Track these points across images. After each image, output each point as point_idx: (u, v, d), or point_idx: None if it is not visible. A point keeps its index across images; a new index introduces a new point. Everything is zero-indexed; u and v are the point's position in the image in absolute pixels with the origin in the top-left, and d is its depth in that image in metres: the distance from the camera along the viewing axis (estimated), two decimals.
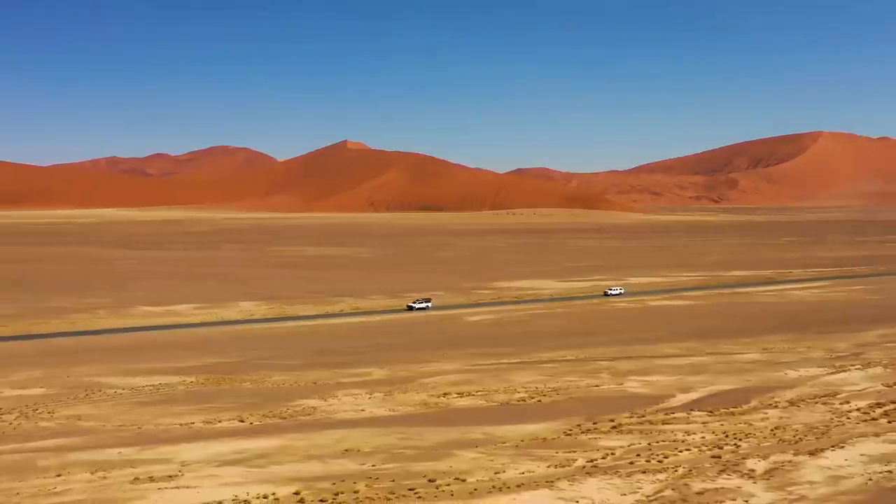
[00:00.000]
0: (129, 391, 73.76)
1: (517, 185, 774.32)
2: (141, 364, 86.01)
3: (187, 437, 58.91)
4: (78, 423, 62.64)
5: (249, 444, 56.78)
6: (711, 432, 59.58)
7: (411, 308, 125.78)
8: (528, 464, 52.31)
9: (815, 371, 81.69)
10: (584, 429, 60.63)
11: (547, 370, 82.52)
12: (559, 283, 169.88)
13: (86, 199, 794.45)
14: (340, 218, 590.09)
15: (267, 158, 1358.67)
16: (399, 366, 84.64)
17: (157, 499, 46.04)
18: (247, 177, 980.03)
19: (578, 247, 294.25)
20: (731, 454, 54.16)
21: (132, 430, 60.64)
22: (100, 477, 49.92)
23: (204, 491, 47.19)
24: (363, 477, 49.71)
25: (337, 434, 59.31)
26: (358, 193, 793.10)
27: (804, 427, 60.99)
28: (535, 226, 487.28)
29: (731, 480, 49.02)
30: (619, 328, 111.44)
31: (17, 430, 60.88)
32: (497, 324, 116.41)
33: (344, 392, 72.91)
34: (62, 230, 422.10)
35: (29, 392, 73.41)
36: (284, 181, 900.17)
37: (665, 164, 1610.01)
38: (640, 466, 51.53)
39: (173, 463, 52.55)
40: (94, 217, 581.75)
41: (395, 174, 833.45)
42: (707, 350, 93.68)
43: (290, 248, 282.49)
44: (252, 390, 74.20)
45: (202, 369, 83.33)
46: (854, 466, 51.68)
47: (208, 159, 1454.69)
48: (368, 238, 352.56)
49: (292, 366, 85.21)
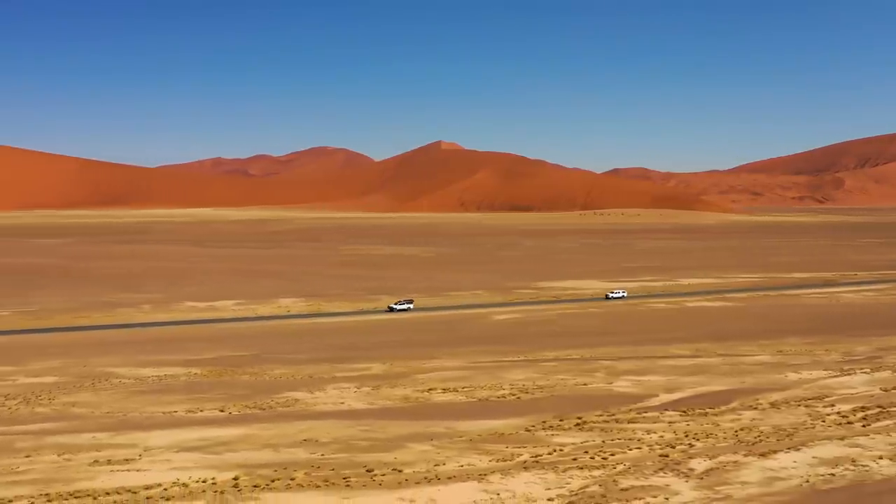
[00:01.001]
0: (133, 381, 77.47)
1: (609, 186, 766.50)
2: (156, 356, 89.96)
3: (164, 424, 61.96)
4: (71, 410, 66.36)
5: (217, 433, 59.46)
6: (673, 432, 59.78)
7: (392, 309, 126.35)
8: (472, 457, 53.60)
9: (819, 374, 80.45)
10: (548, 426, 61.48)
11: (545, 368, 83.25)
12: (603, 284, 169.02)
13: (190, 199, 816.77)
14: (427, 218, 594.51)
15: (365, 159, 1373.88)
16: (401, 362, 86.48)
17: (106, 480, 48.97)
18: (344, 177, 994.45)
19: (647, 248, 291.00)
20: (679, 454, 54.46)
21: (117, 417, 64.01)
22: (64, 459, 53.20)
23: (151, 474, 49.94)
24: (306, 465, 51.78)
25: (304, 425, 61.53)
26: (449, 194, 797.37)
27: (771, 429, 60.65)
28: (616, 226, 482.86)
29: (663, 479, 49.49)
30: (641, 328, 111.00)
31: (13, 415, 64.92)
32: (520, 323, 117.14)
33: (334, 386, 75.15)
34: (154, 228, 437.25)
35: (40, 380, 77.78)
36: (379, 182, 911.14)
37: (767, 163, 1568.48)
38: (581, 463, 52.32)
39: (137, 448, 55.54)
40: (190, 216, 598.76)
41: (486, 174, 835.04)
42: (719, 351, 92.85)
43: (360, 248, 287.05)
44: (247, 382, 77.09)
45: (211, 362, 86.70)
46: (799, 468, 51.50)
47: (308, 160, 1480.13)
48: (442, 238, 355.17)
49: (297, 360, 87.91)
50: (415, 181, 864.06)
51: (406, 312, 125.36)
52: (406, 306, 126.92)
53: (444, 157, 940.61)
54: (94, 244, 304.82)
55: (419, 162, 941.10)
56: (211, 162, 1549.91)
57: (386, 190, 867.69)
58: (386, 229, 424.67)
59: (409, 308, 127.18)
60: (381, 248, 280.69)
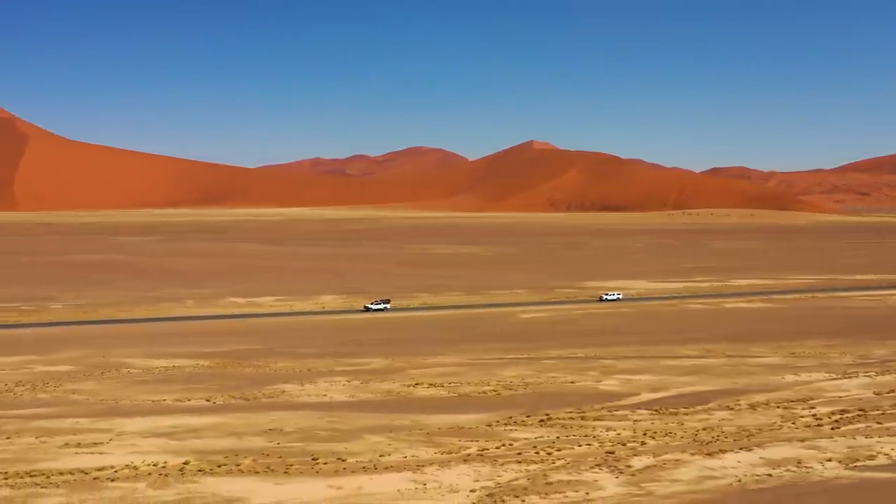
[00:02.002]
0: (140, 371, 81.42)
1: (704, 185, 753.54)
2: (172, 348, 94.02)
3: (147, 411, 65.38)
4: (70, 397, 70.43)
5: (192, 420, 62.51)
6: (633, 430, 60.34)
7: (368, 309, 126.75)
8: (419, 449, 55.30)
9: (819, 376, 79.49)
10: (512, 421, 62.68)
11: (543, 366, 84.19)
12: (650, 284, 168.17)
13: (287, 199, 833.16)
14: (512, 218, 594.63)
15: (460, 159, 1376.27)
16: (403, 357, 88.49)
17: (67, 461, 52.32)
18: (437, 177, 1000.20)
19: (718, 249, 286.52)
20: (627, 451, 55.12)
21: (107, 405, 67.73)
22: (40, 441, 56.89)
23: (111, 457, 53.15)
24: (258, 453, 54.26)
25: (277, 415, 64.11)
26: (538, 193, 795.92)
27: (735, 429, 60.65)
28: (699, 226, 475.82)
29: (595, 475, 50.37)
30: (662, 328, 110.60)
31: (15, 400, 69.27)
32: (543, 321, 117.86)
33: (326, 379, 77.62)
34: (243, 226, 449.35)
35: (55, 369, 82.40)
36: (469, 181, 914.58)
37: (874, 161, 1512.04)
38: (523, 458, 53.49)
39: (111, 433, 58.96)
40: (281, 215, 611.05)
41: (576, 174, 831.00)
42: (729, 353, 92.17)
43: (426, 247, 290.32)
44: (246, 374, 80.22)
45: (221, 354, 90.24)
46: (738, 468, 51.65)
47: (404, 160, 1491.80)
48: (514, 237, 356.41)
49: (305, 354, 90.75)
50: (505, 181, 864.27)
51: (382, 312, 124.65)
52: (382, 306, 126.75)
53: (535, 156, 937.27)
54: (176, 241, 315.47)
55: (510, 161, 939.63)
56: (310, 162, 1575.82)
57: (476, 190, 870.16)
58: (463, 229, 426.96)
59: (386, 308, 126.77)
60: (446, 248, 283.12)
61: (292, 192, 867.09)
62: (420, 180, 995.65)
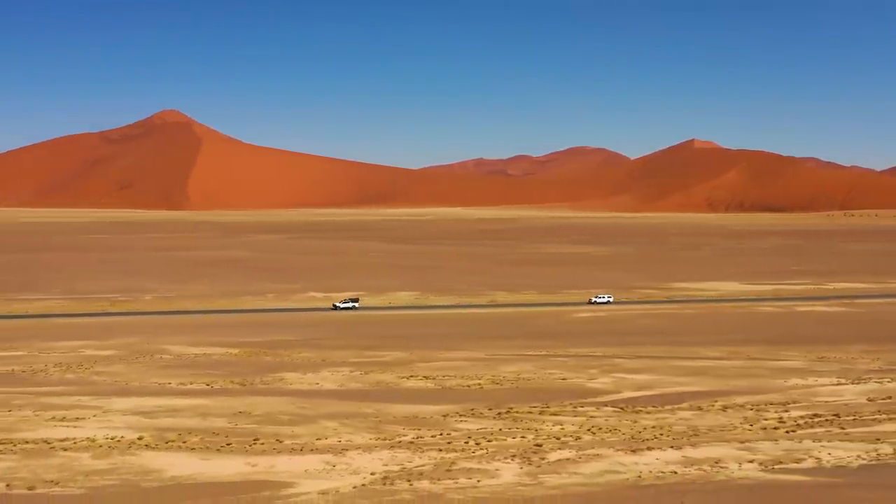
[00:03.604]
0: (172, 357, 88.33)
1: (876, 185, 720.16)
2: (216, 337, 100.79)
3: (144, 392, 71.72)
4: (91, 378, 77.73)
5: (177, 402, 68.26)
6: (579, 426, 61.87)
7: (336, 307, 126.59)
8: (359, 435, 58.93)
9: (824, 381, 77.89)
10: (470, 413, 65.29)
11: (550, 363, 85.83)
12: (739, 286, 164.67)
13: (447, 198, 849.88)
14: (662, 218, 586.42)
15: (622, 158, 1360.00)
16: (422, 352, 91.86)
17: (42, 432, 58.83)
18: (596, 177, 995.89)
19: (844, 251, 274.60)
20: (556, 444, 57.00)
21: (117, 385, 74.50)
22: (34, 414, 63.81)
23: (80, 430, 59.37)
24: (210, 432, 59.26)
25: (255, 400, 69.07)
26: (696, 193, 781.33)
27: (685, 429, 61.18)
28: (843, 227, 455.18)
29: (503, 464, 52.63)
30: (706, 330, 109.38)
31: (42, 378, 77.16)
32: (593, 321, 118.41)
33: (332, 369, 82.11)
34: (386, 226, 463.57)
35: (100, 353, 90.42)
36: (628, 181, 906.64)
37: None
38: (450, 447, 56.21)
39: (98, 410, 65.39)
40: (432, 215, 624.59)
41: (736, 173, 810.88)
42: (754, 355, 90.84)
43: (543, 246, 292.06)
44: (262, 362, 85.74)
45: (254, 344, 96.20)
46: (649, 465, 52.72)
47: (566, 160, 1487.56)
48: (642, 238, 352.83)
49: (332, 345, 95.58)
50: (662, 181, 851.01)
51: (352, 311, 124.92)
52: (350, 304, 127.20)
53: (695, 155, 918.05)
54: (305, 239, 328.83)
55: (669, 161, 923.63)
56: (473, 163, 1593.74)
57: (633, 190, 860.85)
58: (600, 229, 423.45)
59: (355, 307, 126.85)
60: (564, 248, 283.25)
61: (452, 192, 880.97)
62: (580, 180, 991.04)
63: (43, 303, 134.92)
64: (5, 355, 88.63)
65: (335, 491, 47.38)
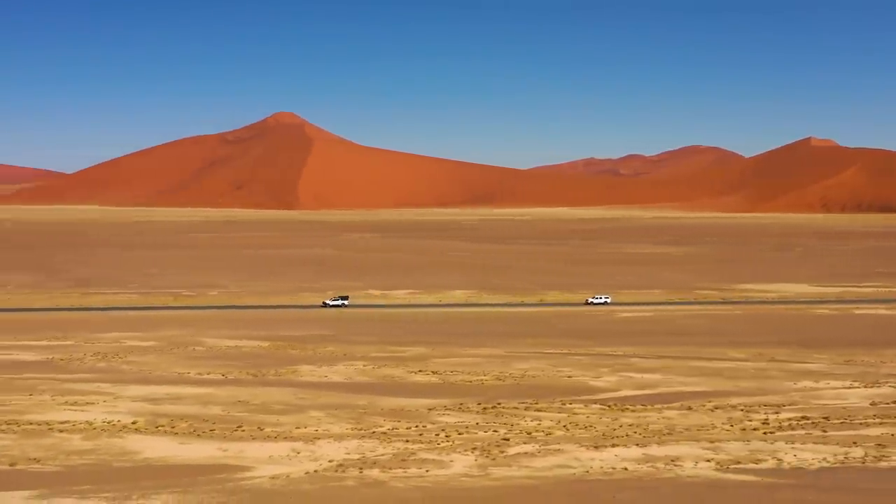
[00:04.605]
0: (204, 349, 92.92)
1: None
2: (255, 331, 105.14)
3: (160, 380, 76.23)
4: (120, 367, 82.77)
5: (185, 390, 72.43)
6: (557, 421, 63.15)
7: (326, 305, 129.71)
8: (338, 425, 61.76)
9: (835, 384, 76.87)
10: (456, 407, 67.30)
11: (563, 361, 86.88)
12: (809, 287, 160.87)
13: (555, 198, 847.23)
14: (768, 219, 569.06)
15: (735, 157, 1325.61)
16: (445, 348, 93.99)
17: (50, 415, 63.65)
18: (708, 177, 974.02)
19: None
20: (523, 438, 58.55)
21: (140, 374, 79.25)
22: (51, 398, 68.80)
23: (83, 414, 63.93)
24: (201, 419, 62.99)
25: (262, 391, 72.60)
26: (810, 193, 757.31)
27: (662, 427, 61.86)
28: None
29: (459, 456, 54.69)
30: (744, 331, 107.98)
31: (76, 366, 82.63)
32: (636, 321, 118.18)
33: (348, 363, 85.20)
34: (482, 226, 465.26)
35: (141, 344, 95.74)
36: (740, 181, 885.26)
37: None
38: (421, 438, 58.62)
39: (110, 396, 70.12)
40: (532, 215, 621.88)
41: (854, 173, 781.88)
42: (778, 357, 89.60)
43: (624, 246, 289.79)
44: (286, 355, 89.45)
45: (286, 338, 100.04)
46: (603, 462, 53.94)
47: (679, 159, 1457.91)
48: (732, 238, 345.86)
49: (360, 340, 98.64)
50: (776, 180, 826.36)
51: (342, 308, 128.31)
52: (340, 302, 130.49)
53: (811, 153, 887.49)
54: (396, 238, 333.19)
55: (784, 160, 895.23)
56: (583, 162, 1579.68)
57: (745, 190, 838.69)
58: (697, 229, 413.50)
59: (344, 304, 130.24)
60: (644, 248, 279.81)
61: (559, 192, 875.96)
62: (691, 180, 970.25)
63: (114, 296, 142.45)
64: (52, 344, 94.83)
65: (286, 476, 50.09)
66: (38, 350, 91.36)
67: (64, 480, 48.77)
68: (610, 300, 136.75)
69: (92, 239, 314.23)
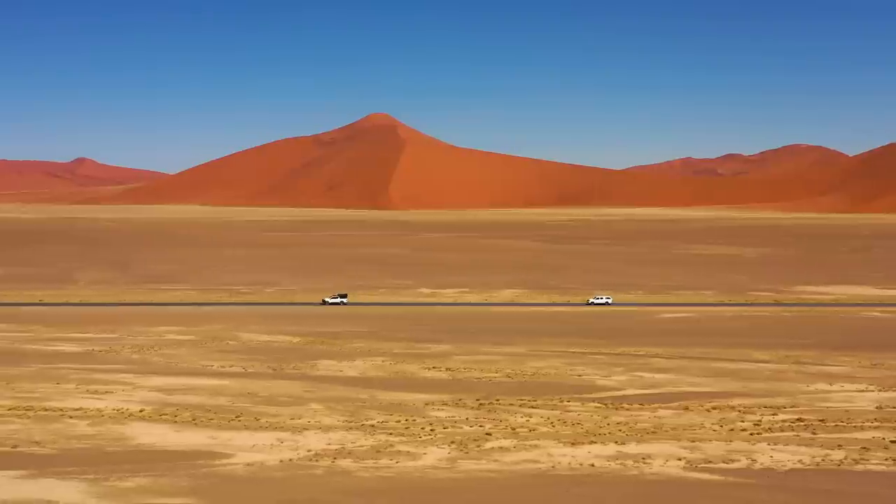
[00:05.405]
0: (236, 343, 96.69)
1: None
2: (290, 327, 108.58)
3: (183, 372, 79.98)
4: (151, 359, 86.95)
5: (203, 382, 75.91)
6: (546, 418, 64.17)
7: (325, 303, 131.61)
8: (330, 416, 64.24)
9: (849, 387, 75.89)
10: (453, 402, 69.07)
11: (580, 360, 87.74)
12: (872, 290, 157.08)
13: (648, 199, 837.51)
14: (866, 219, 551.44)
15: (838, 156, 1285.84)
16: (469, 346, 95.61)
17: (67, 402, 67.68)
18: (809, 176, 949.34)
19: None
20: (505, 433, 59.95)
21: (167, 366, 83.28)
22: (74, 387, 73.03)
23: (97, 402, 67.81)
24: (203, 408, 66.13)
25: (274, 383, 75.70)
26: None
27: (650, 426, 62.43)
28: None
29: (434, 449, 56.34)
30: (778, 333, 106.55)
31: (111, 358, 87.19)
32: (674, 322, 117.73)
33: (368, 358, 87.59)
34: (551, 226, 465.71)
35: (180, 337, 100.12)
36: (842, 181, 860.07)
37: None
38: (406, 432, 60.55)
39: (130, 385, 73.92)
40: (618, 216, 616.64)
41: None
42: (802, 359, 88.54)
43: (693, 247, 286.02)
44: (313, 350, 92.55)
45: (319, 334, 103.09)
46: (573, 458, 54.88)
47: (780, 158, 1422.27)
48: (815, 239, 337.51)
49: (389, 337, 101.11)
50: (880, 180, 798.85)
51: (340, 306, 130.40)
52: (339, 300, 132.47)
53: None
54: (469, 238, 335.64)
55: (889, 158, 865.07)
56: (680, 162, 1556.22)
57: (846, 190, 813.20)
58: (782, 230, 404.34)
59: (343, 302, 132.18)
60: (717, 249, 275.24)
61: (655, 192, 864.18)
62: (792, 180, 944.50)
63: (175, 292, 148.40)
64: (98, 337, 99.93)
65: (260, 463, 52.54)
66: (82, 342, 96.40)
67: (54, 462, 52.15)
68: (611, 300, 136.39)
69: (175, 238, 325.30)
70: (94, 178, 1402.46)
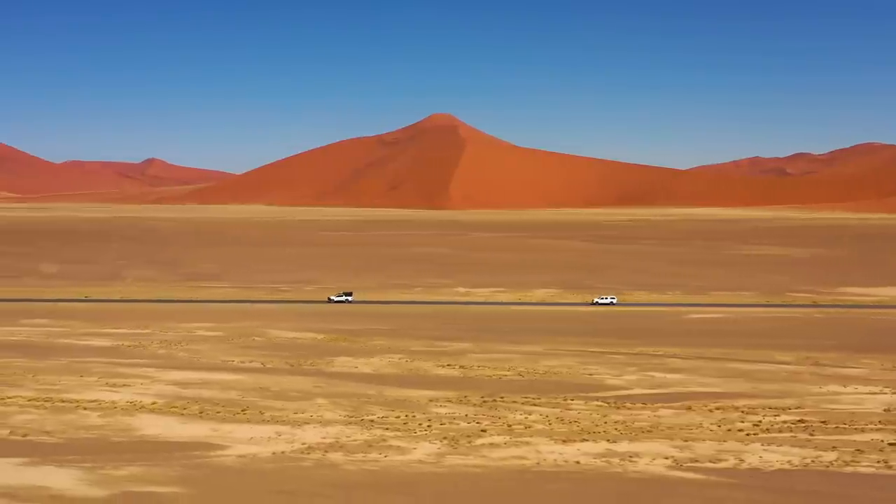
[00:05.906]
0: (262, 340, 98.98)
1: None
2: (318, 324, 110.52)
3: (203, 367, 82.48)
4: (177, 354, 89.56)
5: (219, 377, 78.13)
6: (544, 416, 64.89)
7: (331, 301, 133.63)
8: (334, 412, 65.92)
9: (863, 389, 75.36)
10: (456, 399, 70.18)
11: (594, 359, 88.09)
12: None
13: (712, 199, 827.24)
14: None
15: None
16: (488, 344, 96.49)
17: (85, 394, 70.35)
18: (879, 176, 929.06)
19: None
20: (499, 430, 60.79)
21: (189, 361, 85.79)
22: (95, 380, 75.77)
23: (114, 394, 70.44)
24: (212, 402, 68.26)
25: (287, 379, 77.60)
26: None
27: (647, 425, 62.87)
28: None
29: (426, 444, 57.50)
30: (805, 335, 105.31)
31: (138, 352, 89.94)
32: (702, 322, 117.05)
33: (385, 356, 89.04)
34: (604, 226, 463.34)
35: (209, 333, 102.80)
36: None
37: None
38: (403, 427, 61.97)
39: (149, 379, 76.46)
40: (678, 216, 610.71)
41: None
42: (822, 361, 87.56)
43: (743, 248, 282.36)
44: (333, 348, 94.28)
45: (343, 331, 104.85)
46: (561, 455, 55.67)
47: (852, 157, 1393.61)
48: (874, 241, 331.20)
49: (411, 335, 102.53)
50: None
51: (345, 304, 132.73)
52: (344, 298, 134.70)
53: None
54: (517, 238, 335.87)
55: None
56: (748, 162, 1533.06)
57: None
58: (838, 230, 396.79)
59: (349, 300, 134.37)
60: (766, 250, 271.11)
61: (721, 192, 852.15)
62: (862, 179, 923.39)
63: (216, 290, 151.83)
64: (129, 332, 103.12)
65: (252, 455, 54.22)
66: (114, 337, 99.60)
67: (58, 451, 54.52)
68: (616, 301, 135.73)
69: (229, 237, 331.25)
70: (163, 178, 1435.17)
